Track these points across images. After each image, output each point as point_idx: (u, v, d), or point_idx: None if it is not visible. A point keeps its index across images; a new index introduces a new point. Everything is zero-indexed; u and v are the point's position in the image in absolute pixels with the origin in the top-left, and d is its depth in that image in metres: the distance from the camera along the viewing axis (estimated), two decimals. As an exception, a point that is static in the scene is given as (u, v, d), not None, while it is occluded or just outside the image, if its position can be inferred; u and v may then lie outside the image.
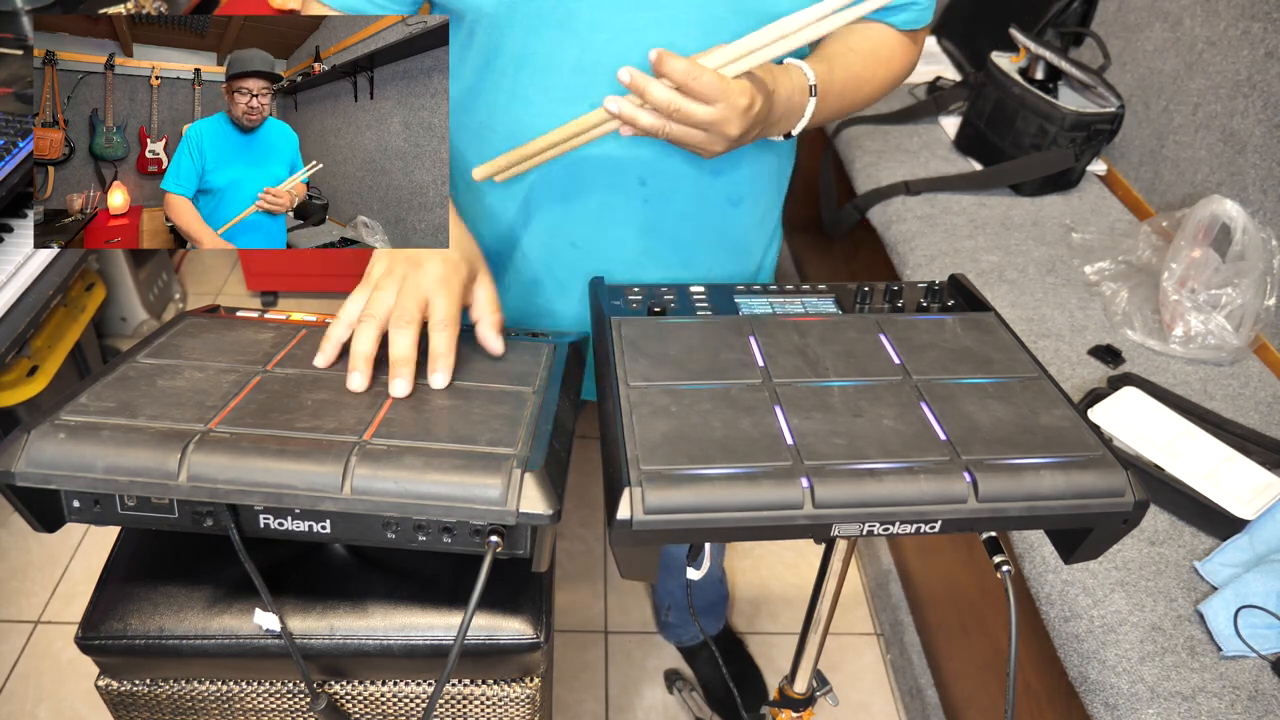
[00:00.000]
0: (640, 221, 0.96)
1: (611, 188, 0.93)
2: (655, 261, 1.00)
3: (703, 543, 0.87)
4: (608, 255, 0.99)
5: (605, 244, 0.98)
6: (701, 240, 1.00)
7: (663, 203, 0.94)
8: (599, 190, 0.93)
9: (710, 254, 1.02)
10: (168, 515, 0.71)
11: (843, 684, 1.72)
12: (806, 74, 0.86)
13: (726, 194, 0.98)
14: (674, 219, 0.96)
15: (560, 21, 0.83)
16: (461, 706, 0.84)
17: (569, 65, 0.85)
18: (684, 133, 0.78)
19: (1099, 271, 1.53)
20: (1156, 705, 0.93)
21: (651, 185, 0.93)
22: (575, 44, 0.84)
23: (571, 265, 1.00)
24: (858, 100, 0.95)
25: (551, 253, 1.00)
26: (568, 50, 0.84)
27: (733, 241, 1.03)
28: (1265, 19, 1.46)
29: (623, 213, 0.95)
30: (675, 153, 0.91)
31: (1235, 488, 1.10)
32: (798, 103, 0.85)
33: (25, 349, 1.76)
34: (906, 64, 0.99)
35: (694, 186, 0.95)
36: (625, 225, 0.96)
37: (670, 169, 0.92)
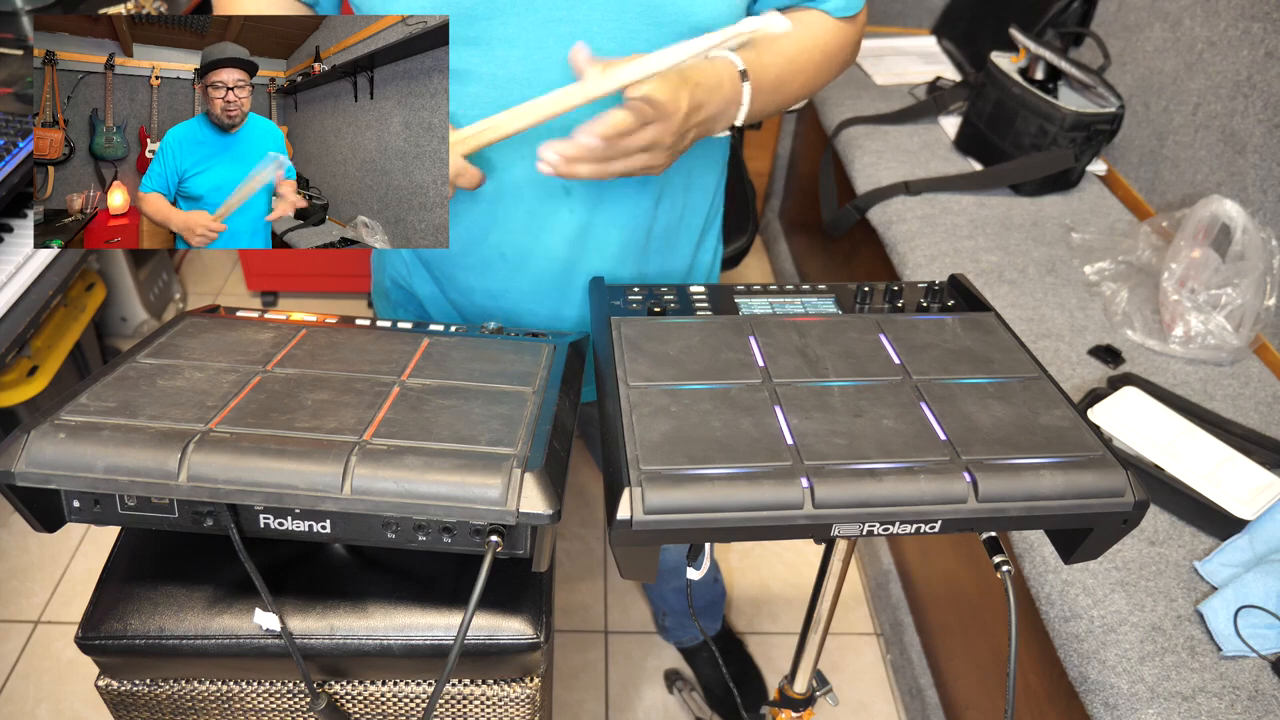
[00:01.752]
0: (568, 231, 0.96)
1: (537, 199, 0.93)
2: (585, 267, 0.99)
3: (703, 543, 0.87)
4: (536, 266, 0.99)
5: (534, 254, 0.98)
6: (631, 244, 0.99)
7: (589, 212, 0.95)
8: (525, 202, 0.94)
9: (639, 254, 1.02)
10: (168, 515, 0.71)
11: (843, 684, 1.71)
12: (733, 61, 0.85)
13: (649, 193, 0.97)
14: (601, 226, 0.96)
15: (474, 39, 0.84)
16: (461, 706, 0.84)
17: (485, 79, 0.86)
18: (626, 166, 0.79)
19: (1099, 271, 1.53)
20: (1156, 705, 0.93)
21: (576, 195, 0.93)
22: (490, 60, 0.85)
23: (501, 275, 1.01)
24: (797, 87, 0.94)
25: (482, 263, 1.00)
26: (483, 65, 0.85)
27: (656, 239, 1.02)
28: (1265, 19, 1.46)
29: (550, 223, 0.95)
30: None
31: (1235, 488, 1.10)
32: (730, 92, 0.85)
33: (25, 349, 1.76)
34: (846, 52, 0.98)
35: (620, 192, 0.95)
36: (554, 234, 0.96)
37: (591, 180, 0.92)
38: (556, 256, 0.98)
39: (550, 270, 0.99)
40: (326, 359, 0.79)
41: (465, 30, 0.84)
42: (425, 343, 0.83)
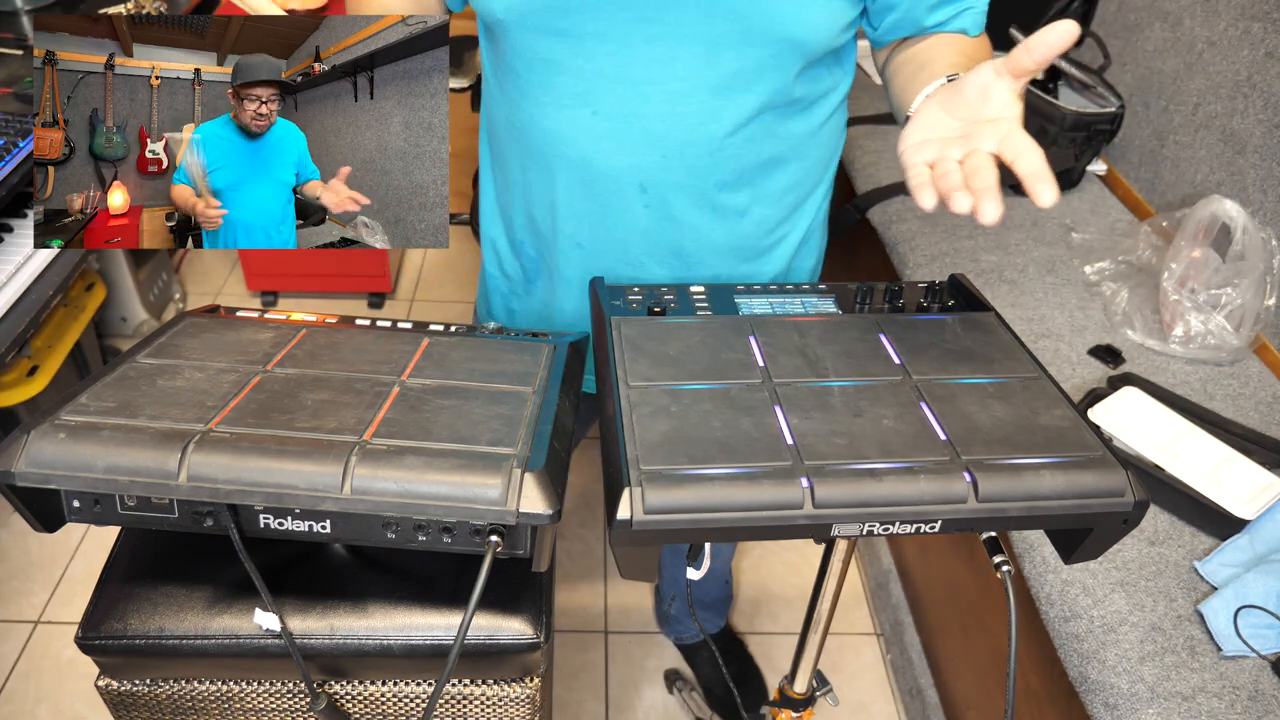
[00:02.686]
0: (642, 226, 0.97)
1: (614, 193, 0.94)
2: (657, 264, 1.01)
3: (703, 543, 0.87)
4: (612, 256, 1.00)
5: (609, 245, 0.99)
6: (704, 247, 1.00)
7: (662, 209, 0.95)
8: (601, 195, 0.95)
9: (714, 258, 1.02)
10: (168, 515, 0.71)
11: (843, 684, 1.71)
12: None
13: (734, 205, 0.98)
14: (673, 226, 0.97)
15: (564, 31, 0.85)
16: (461, 706, 0.84)
17: (572, 72, 0.87)
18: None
19: (1099, 271, 1.53)
20: (1156, 705, 0.93)
21: (652, 193, 0.94)
22: (578, 53, 0.86)
23: (577, 265, 1.02)
24: None
25: (561, 253, 1.01)
26: (572, 58, 0.86)
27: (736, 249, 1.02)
28: (1265, 19, 1.46)
29: (625, 217, 0.96)
30: (674, 165, 0.92)
31: (1235, 488, 1.10)
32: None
33: (25, 349, 1.76)
34: None
35: (696, 198, 0.95)
36: (627, 229, 0.97)
37: (668, 179, 0.93)
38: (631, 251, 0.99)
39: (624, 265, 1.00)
40: (326, 359, 0.79)
41: (557, 21, 0.85)
42: (425, 343, 0.83)
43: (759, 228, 1.01)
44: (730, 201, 0.97)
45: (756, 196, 0.98)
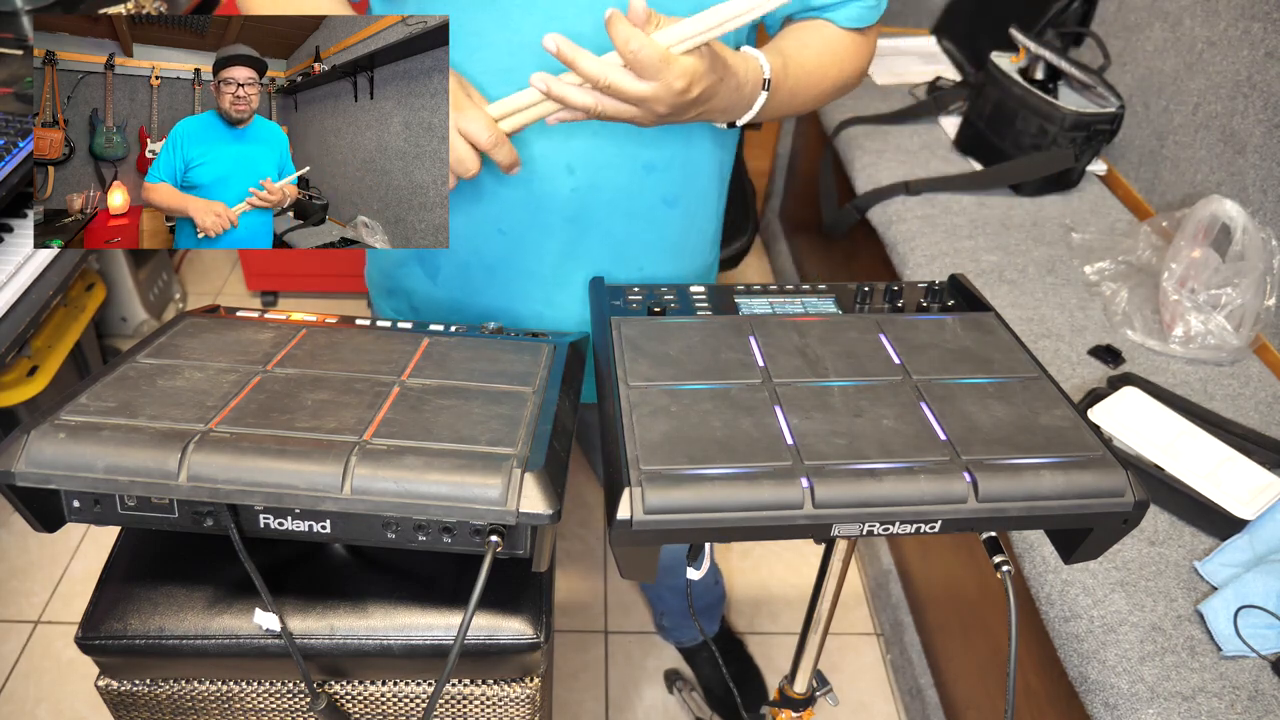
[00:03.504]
0: (568, 211, 0.94)
1: (538, 175, 0.92)
2: (586, 255, 0.98)
3: (703, 543, 0.87)
4: (536, 244, 0.97)
5: (533, 232, 0.96)
6: (635, 238, 0.98)
7: (592, 193, 0.93)
8: (525, 176, 0.92)
9: (645, 253, 1.00)
10: (168, 515, 0.71)
11: (843, 684, 1.71)
12: (763, 67, 0.85)
13: (661, 192, 0.96)
14: (604, 211, 0.94)
15: (489, 2, 0.83)
16: (461, 706, 0.84)
17: (500, 45, 0.85)
18: (616, 108, 0.77)
19: (1099, 271, 1.53)
20: (1156, 705, 0.93)
21: (580, 174, 0.91)
22: (505, 25, 0.84)
23: (499, 254, 0.99)
24: (808, 98, 0.94)
25: (480, 239, 0.98)
26: (498, 31, 0.85)
27: (669, 243, 1.01)
28: (1265, 19, 1.46)
29: (550, 200, 0.93)
30: (606, 142, 0.90)
31: (1235, 488, 1.10)
32: (748, 94, 0.85)
33: (25, 349, 1.76)
34: (859, 66, 0.97)
35: (625, 179, 0.93)
36: (552, 213, 0.94)
37: (599, 159, 0.91)
38: (555, 236, 0.96)
39: (549, 251, 0.97)
40: (326, 359, 0.79)
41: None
42: (425, 343, 0.83)
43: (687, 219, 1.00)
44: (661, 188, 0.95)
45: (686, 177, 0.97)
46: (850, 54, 0.95)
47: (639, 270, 1.02)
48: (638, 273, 1.02)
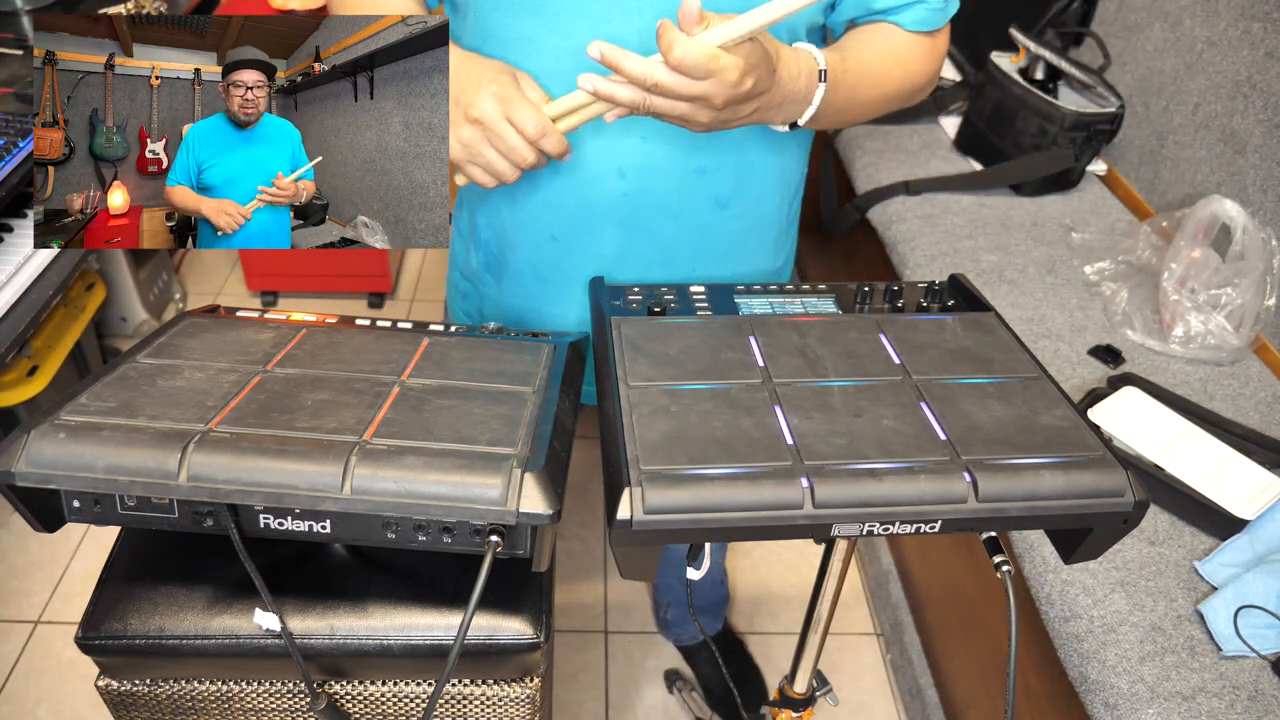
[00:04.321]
0: (619, 215, 0.94)
1: (589, 179, 0.91)
2: (636, 258, 0.97)
3: (703, 543, 0.87)
4: (587, 250, 0.96)
5: (584, 237, 0.96)
6: (685, 240, 0.97)
7: (642, 196, 0.93)
8: (576, 181, 0.92)
9: (695, 256, 0.99)
10: (168, 515, 0.71)
11: (843, 684, 1.71)
12: (816, 58, 0.84)
13: (712, 194, 0.95)
14: (654, 214, 0.94)
15: (539, 7, 0.84)
16: (461, 706, 0.84)
17: (550, 50, 0.85)
18: (667, 106, 0.76)
19: (1099, 271, 1.53)
20: (1156, 705, 0.93)
21: (631, 178, 0.91)
22: (555, 30, 0.84)
23: (551, 260, 0.98)
24: (871, 99, 0.92)
25: (532, 246, 0.98)
26: (548, 35, 0.85)
27: (720, 245, 1.00)
28: (1265, 19, 1.46)
29: (600, 205, 0.93)
30: (657, 145, 0.90)
31: (1235, 488, 1.10)
32: (804, 88, 0.83)
33: (25, 349, 1.76)
34: (926, 69, 0.95)
35: (676, 182, 0.93)
36: (603, 218, 0.94)
37: (650, 162, 0.90)
38: (606, 240, 0.95)
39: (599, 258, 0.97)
40: (326, 359, 0.79)
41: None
42: (425, 343, 0.83)
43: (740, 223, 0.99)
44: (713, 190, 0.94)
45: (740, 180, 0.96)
46: (915, 56, 0.93)
47: (692, 274, 1.00)
48: (690, 277, 1.00)
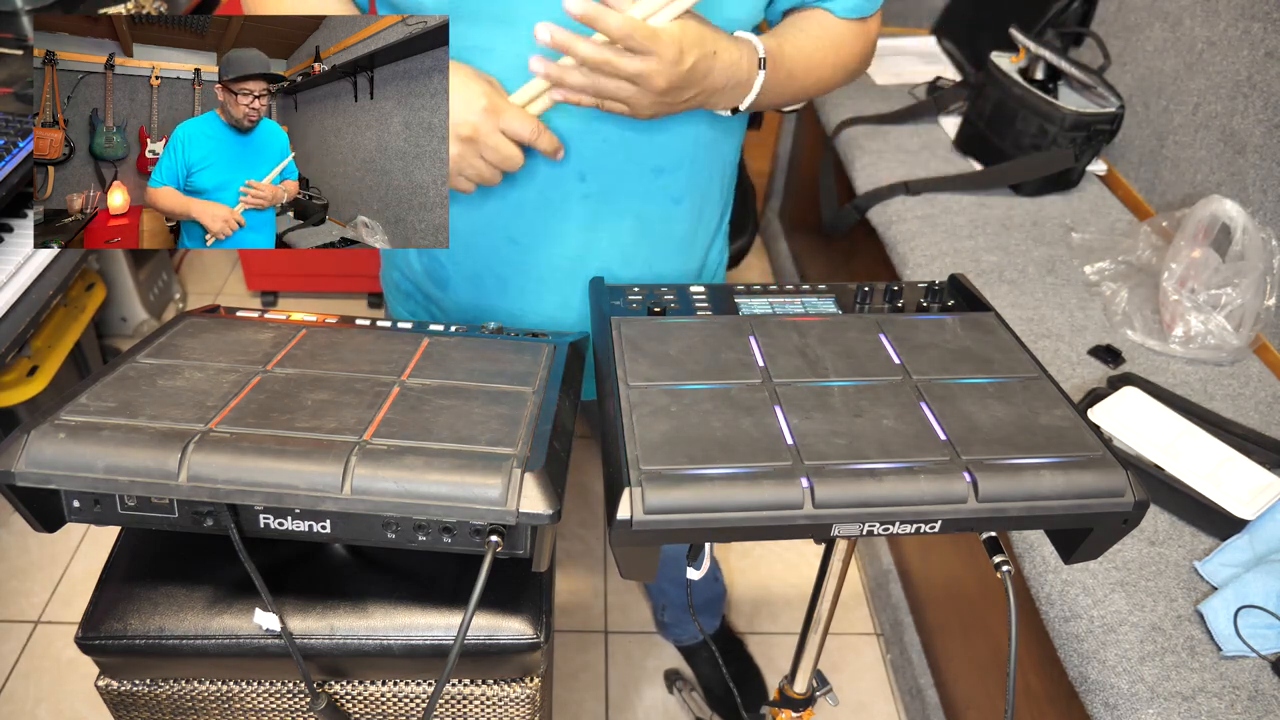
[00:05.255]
0: (581, 218, 0.95)
1: (550, 183, 0.93)
2: (596, 257, 0.99)
3: (703, 543, 0.87)
4: (548, 251, 0.98)
5: (544, 240, 0.97)
6: (644, 238, 0.99)
7: (603, 198, 0.94)
8: (538, 186, 0.93)
9: (653, 252, 1.01)
10: (168, 515, 0.71)
11: (843, 684, 1.71)
12: (755, 45, 0.86)
13: (670, 193, 0.97)
14: (615, 215, 0.96)
15: (499, 16, 0.85)
16: (461, 706, 0.84)
17: (509, 58, 0.86)
18: (613, 87, 0.79)
19: (1099, 271, 1.53)
20: (1156, 705, 0.93)
21: (591, 181, 0.93)
22: (514, 37, 0.85)
23: (511, 261, 0.99)
24: (808, 83, 0.94)
25: (491, 249, 0.99)
26: (507, 43, 0.86)
27: (677, 240, 1.02)
28: (1265, 19, 1.46)
29: (562, 209, 0.94)
30: (616, 148, 0.91)
31: (1235, 488, 1.10)
32: (745, 72, 0.85)
33: (25, 349, 1.76)
34: (857, 54, 0.98)
35: (635, 182, 0.94)
36: (565, 221, 0.95)
37: (610, 165, 0.92)
38: (567, 243, 0.97)
39: (561, 258, 0.98)
40: (326, 359, 0.79)
41: (491, 7, 0.84)
42: (425, 343, 0.83)
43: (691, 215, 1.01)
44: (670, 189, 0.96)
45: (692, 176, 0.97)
46: (848, 41, 0.96)
47: (648, 268, 1.02)
48: (646, 270, 1.02)
